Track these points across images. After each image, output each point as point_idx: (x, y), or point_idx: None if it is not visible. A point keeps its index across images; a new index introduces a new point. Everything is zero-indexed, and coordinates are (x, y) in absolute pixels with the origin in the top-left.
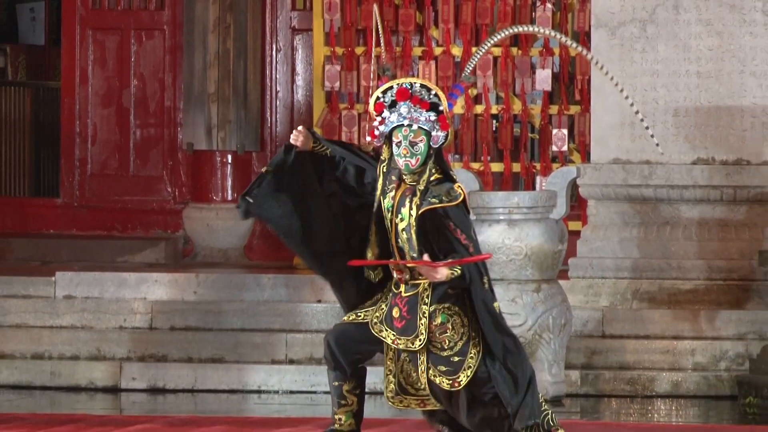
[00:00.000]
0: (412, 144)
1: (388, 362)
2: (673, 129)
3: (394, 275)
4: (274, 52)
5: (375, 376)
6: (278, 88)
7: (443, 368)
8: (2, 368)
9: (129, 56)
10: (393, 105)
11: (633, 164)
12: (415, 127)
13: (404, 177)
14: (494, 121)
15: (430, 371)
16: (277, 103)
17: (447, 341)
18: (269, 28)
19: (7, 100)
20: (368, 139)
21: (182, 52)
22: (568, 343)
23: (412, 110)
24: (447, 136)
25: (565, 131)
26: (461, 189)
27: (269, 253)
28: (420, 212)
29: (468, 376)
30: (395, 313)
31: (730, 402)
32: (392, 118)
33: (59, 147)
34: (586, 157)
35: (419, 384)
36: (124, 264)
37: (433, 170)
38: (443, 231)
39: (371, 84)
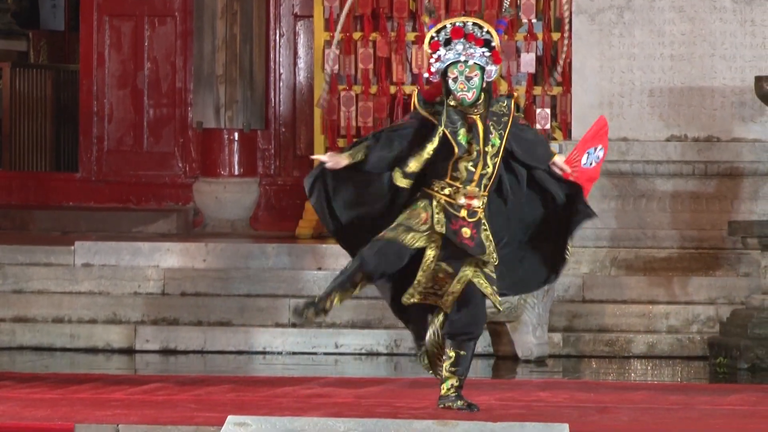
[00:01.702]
0: (468, 78)
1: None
2: (649, 108)
3: (463, 201)
4: (277, 37)
5: (371, 338)
6: (281, 71)
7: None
8: (25, 331)
9: (143, 41)
10: (448, 43)
11: (611, 141)
12: (470, 62)
13: (466, 111)
14: None
15: (478, 280)
16: (281, 84)
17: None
18: (273, 15)
19: (30, 81)
20: (425, 75)
21: (192, 37)
22: (551, 308)
23: (467, 47)
24: (498, 69)
25: (548, 110)
26: (514, 99)
27: (273, 224)
28: (506, 136)
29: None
30: (465, 233)
31: (702, 362)
32: (448, 56)
33: (78, 125)
34: (567, 134)
35: (445, 288)
36: (139, 234)
37: (492, 98)
38: (531, 139)
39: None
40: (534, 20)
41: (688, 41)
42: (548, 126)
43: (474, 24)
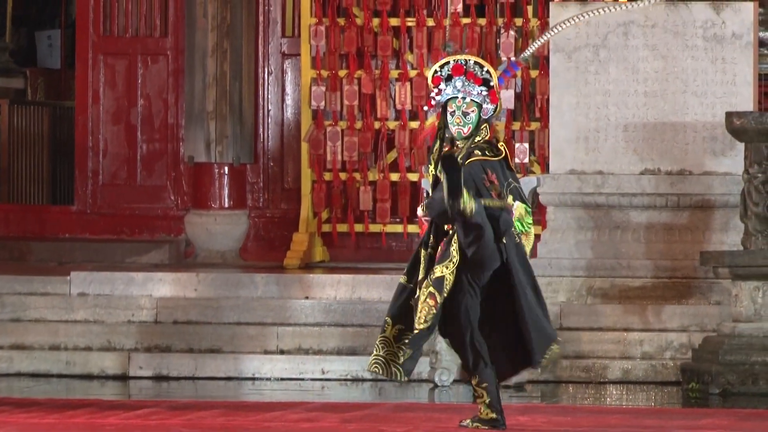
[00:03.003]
0: (465, 114)
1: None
2: (623, 143)
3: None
4: (266, 75)
5: (357, 365)
6: (270, 107)
7: None
8: (22, 358)
9: (136, 78)
10: (449, 78)
11: (587, 174)
12: (467, 99)
13: (457, 143)
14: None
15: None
16: (269, 120)
17: None
18: (262, 53)
19: (28, 118)
20: (425, 108)
21: (184, 75)
22: None
23: (466, 84)
24: (496, 108)
25: (526, 145)
26: (504, 148)
27: (262, 255)
28: (466, 163)
29: None
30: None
31: (675, 387)
32: (448, 90)
33: (74, 160)
34: (545, 168)
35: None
36: (132, 264)
37: (484, 136)
38: (480, 181)
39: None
40: (513, 58)
41: (661, 78)
42: (527, 160)
43: (475, 63)
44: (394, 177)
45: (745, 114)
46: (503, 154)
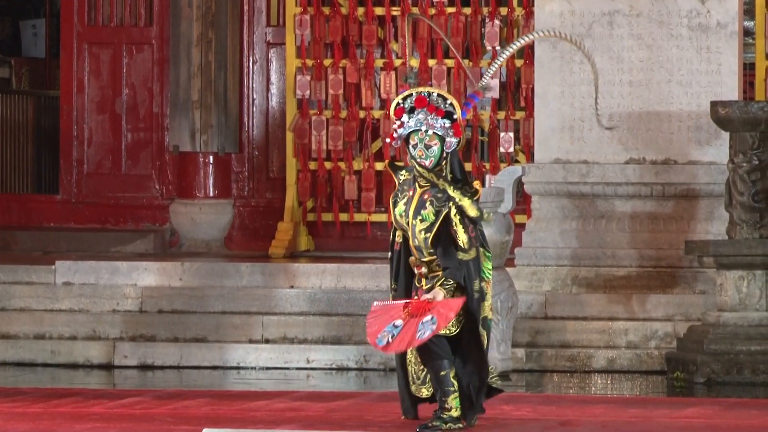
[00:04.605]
0: (427, 147)
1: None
2: (608, 132)
3: (416, 271)
4: (251, 64)
5: (342, 354)
6: (255, 96)
7: None
8: (7, 347)
9: (121, 68)
10: (412, 111)
11: (572, 164)
12: (430, 132)
13: (419, 180)
14: None
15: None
16: (254, 109)
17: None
18: (246, 43)
19: (12, 107)
20: (387, 140)
21: (169, 64)
22: (514, 324)
23: (429, 117)
24: (459, 141)
25: (511, 134)
26: (478, 186)
27: (247, 244)
28: (444, 214)
29: None
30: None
31: (660, 377)
32: (410, 123)
33: (59, 149)
34: (530, 157)
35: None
36: (117, 254)
37: (448, 173)
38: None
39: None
40: (498, 47)
41: (646, 68)
42: (512, 149)
43: (438, 95)
44: (379, 166)
45: (730, 103)
46: (477, 195)
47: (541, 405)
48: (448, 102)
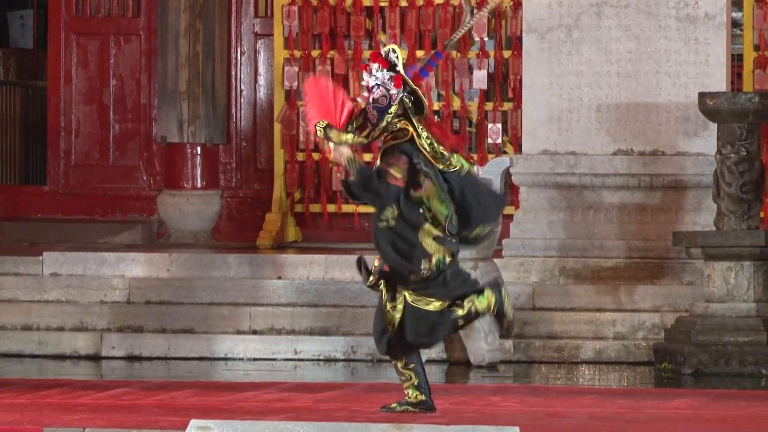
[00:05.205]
0: (374, 100)
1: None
2: (596, 123)
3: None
4: (239, 55)
5: (329, 345)
6: (243, 87)
7: None
8: None
9: (109, 59)
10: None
11: (560, 155)
12: (377, 83)
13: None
14: (436, 117)
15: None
16: (242, 100)
17: None
18: (234, 34)
19: (0, 98)
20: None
21: (156, 55)
22: None
23: (377, 70)
24: (399, 94)
25: (499, 125)
26: (409, 128)
27: (235, 235)
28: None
29: None
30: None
31: (648, 367)
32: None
33: (46, 140)
34: (518, 148)
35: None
36: (105, 245)
37: (397, 124)
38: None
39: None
40: (486, 38)
41: (634, 59)
42: (500, 140)
43: (392, 49)
44: (367, 157)
45: (718, 94)
46: (409, 136)
47: (529, 396)
48: (396, 54)
